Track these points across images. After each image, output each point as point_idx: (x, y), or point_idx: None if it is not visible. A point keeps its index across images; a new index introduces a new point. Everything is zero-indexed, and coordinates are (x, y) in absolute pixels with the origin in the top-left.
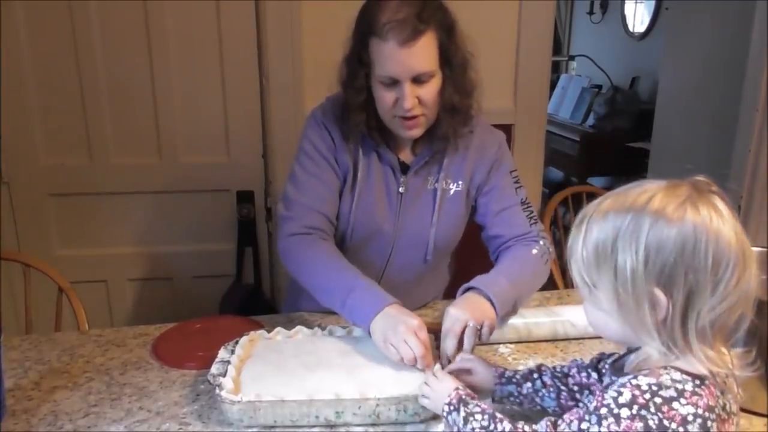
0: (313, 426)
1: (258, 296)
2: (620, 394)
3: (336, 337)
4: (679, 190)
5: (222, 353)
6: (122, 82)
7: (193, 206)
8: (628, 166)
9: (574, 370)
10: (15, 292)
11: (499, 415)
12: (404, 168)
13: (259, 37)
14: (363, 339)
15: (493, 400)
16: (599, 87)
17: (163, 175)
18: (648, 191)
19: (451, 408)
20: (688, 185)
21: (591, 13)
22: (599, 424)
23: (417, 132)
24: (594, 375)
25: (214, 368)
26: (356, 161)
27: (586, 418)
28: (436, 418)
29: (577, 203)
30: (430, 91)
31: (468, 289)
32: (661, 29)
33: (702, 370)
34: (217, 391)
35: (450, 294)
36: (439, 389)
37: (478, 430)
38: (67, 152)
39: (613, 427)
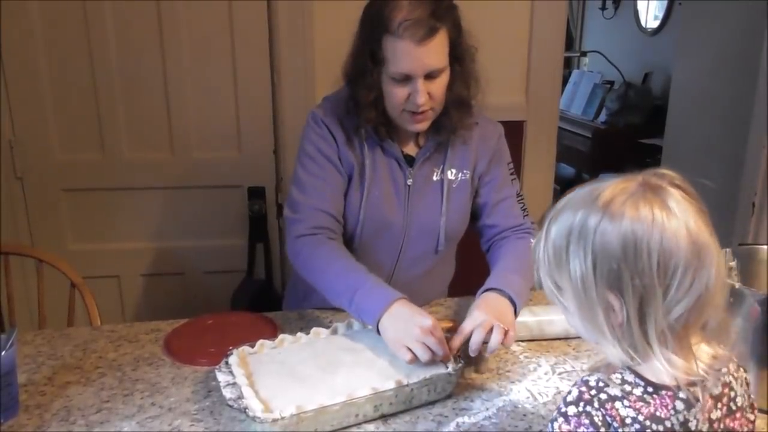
0: (350, 426)
1: (269, 292)
2: (569, 393)
3: (325, 337)
4: (627, 185)
5: (222, 376)
6: (135, 78)
7: (205, 202)
8: (641, 163)
9: None
10: (28, 287)
11: None
12: (409, 160)
13: (270, 32)
14: (358, 332)
15: None
16: (611, 83)
17: (175, 170)
18: (599, 187)
19: None
20: (639, 180)
21: (603, 8)
22: (551, 425)
23: (424, 125)
24: None
25: (227, 393)
26: (362, 158)
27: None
28: (454, 393)
29: None
30: (440, 86)
31: (486, 290)
32: (674, 24)
33: (665, 379)
34: (250, 414)
35: (455, 289)
36: None
37: None
38: (81, 148)
39: (564, 426)
